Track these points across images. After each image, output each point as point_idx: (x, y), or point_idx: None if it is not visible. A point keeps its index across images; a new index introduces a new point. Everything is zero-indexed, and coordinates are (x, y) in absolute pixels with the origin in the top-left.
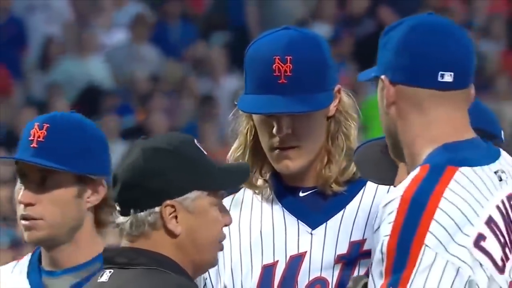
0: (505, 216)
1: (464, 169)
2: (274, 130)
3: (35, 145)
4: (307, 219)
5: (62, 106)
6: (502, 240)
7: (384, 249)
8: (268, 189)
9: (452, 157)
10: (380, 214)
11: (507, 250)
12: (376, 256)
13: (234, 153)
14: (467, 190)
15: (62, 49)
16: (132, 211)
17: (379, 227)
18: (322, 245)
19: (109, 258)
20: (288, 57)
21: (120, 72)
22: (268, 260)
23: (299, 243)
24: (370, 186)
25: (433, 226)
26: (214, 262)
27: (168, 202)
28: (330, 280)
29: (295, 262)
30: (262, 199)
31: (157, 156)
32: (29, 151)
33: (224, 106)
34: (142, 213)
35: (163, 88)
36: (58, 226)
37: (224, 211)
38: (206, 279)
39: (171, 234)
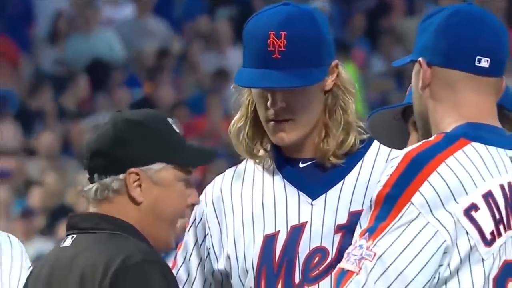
0: (507, 196)
1: (476, 144)
2: (268, 103)
3: None
4: (307, 190)
5: (72, 79)
6: (497, 216)
7: (374, 198)
8: (269, 160)
9: (469, 132)
10: (385, 167)
11: (501, 227)
12: (368, 204)
13: (236, 123)
14: (472, 161)
15: (70, 23)
16: (96, 176)
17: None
18: (322, 215)
19: (73, 223)
20: (283, 33)
21: (128, 46)
22: (270, 230)
23: (300, 214)
24: (369, 157)
25: (424, 187)
26: (170, 244)
27: (132, 169)
28: (330, 249)
29: (296, 232)
30: (263, 170)
31: (126, 127)
32: None
33: (229, 79)
34: (107, 179)
35: (170, 61)
36: None
37: (190, 189)
38: (209, 249)
39: (134, 201)
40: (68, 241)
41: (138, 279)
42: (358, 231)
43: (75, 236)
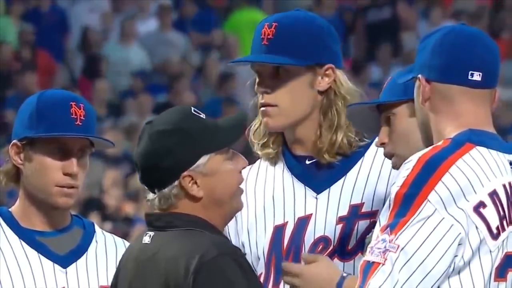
0: (509, 195)
1: (480, 148)
2: (255, 87)
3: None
4: (313, 185)
5: (102, 85)
6: (501, 212)
7: (392, 197)
8: (279, 159)
9: (473, 137)
10: (400, 170)
11: (504, 222)
12: (386, 203)
13: (253, 125)
14: (479, 164)
15: (100, 36)
16: (156, 190)
17: (395, 182)
18: (326, 208)
19: (149, 222)
20: (274, 24)
21: (151, 56)
22: (279, 221)
23: (306, 206)
24: (368, 156)
25: (439, 186)
26: (239, 207)
27: (184, 174)
28: (332, 238)
29: (302, 223)
30: (274, 168)
31: (162, 138)
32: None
33: (241, 85)
34: (165, 190)
35: (189, 69)
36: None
37: (235, 158)
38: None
39: (195, 199)
40: (147, 238)
41: (216, 273)
42: (377, 227)
43: (152, 233)
